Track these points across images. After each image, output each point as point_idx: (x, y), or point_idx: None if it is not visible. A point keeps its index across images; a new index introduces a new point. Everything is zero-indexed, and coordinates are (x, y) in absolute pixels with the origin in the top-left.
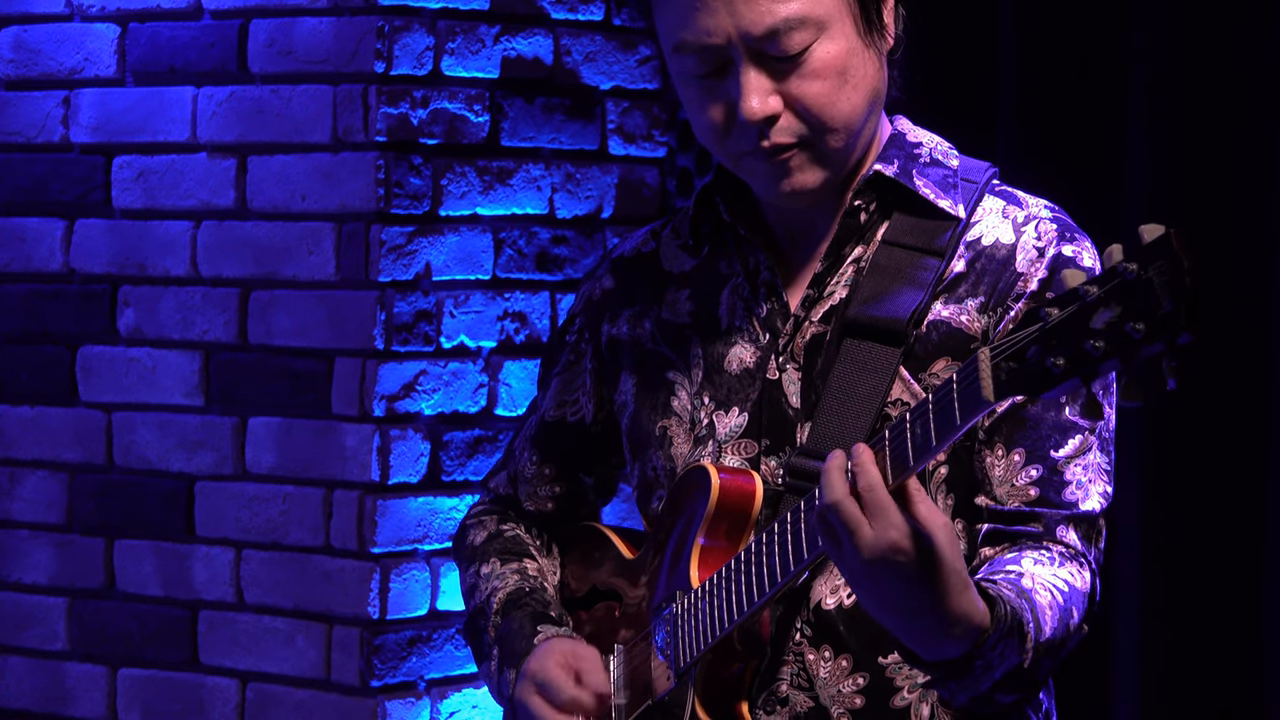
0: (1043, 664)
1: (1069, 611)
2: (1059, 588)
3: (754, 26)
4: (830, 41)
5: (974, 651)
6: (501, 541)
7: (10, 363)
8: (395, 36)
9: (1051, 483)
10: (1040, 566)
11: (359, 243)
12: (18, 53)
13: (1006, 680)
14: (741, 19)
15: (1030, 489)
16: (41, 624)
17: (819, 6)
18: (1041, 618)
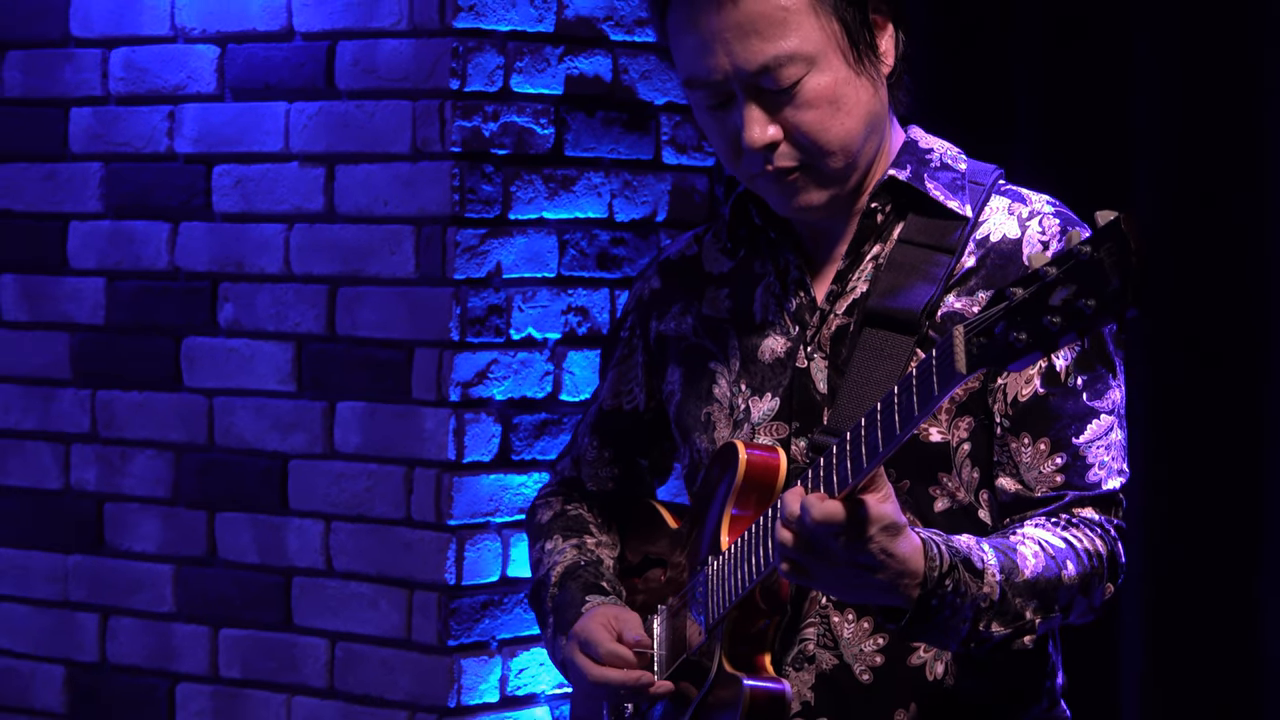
0: (1024, 601)
1: (1060, 562)
2: (1052, 543)
3: (748, 64)
4: (820, 74)
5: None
6: (565, 520)
7: (121, 353)
8: (468, 56)
9: (1075, 468)
10: (1040, 530)
11: (436, 244)
12: (128, 71)
13: (981, 615)
14: (737, 57)
15: (1056, 475)
16: (150, 588)
17: (807, 43)
18: (1020, 561)
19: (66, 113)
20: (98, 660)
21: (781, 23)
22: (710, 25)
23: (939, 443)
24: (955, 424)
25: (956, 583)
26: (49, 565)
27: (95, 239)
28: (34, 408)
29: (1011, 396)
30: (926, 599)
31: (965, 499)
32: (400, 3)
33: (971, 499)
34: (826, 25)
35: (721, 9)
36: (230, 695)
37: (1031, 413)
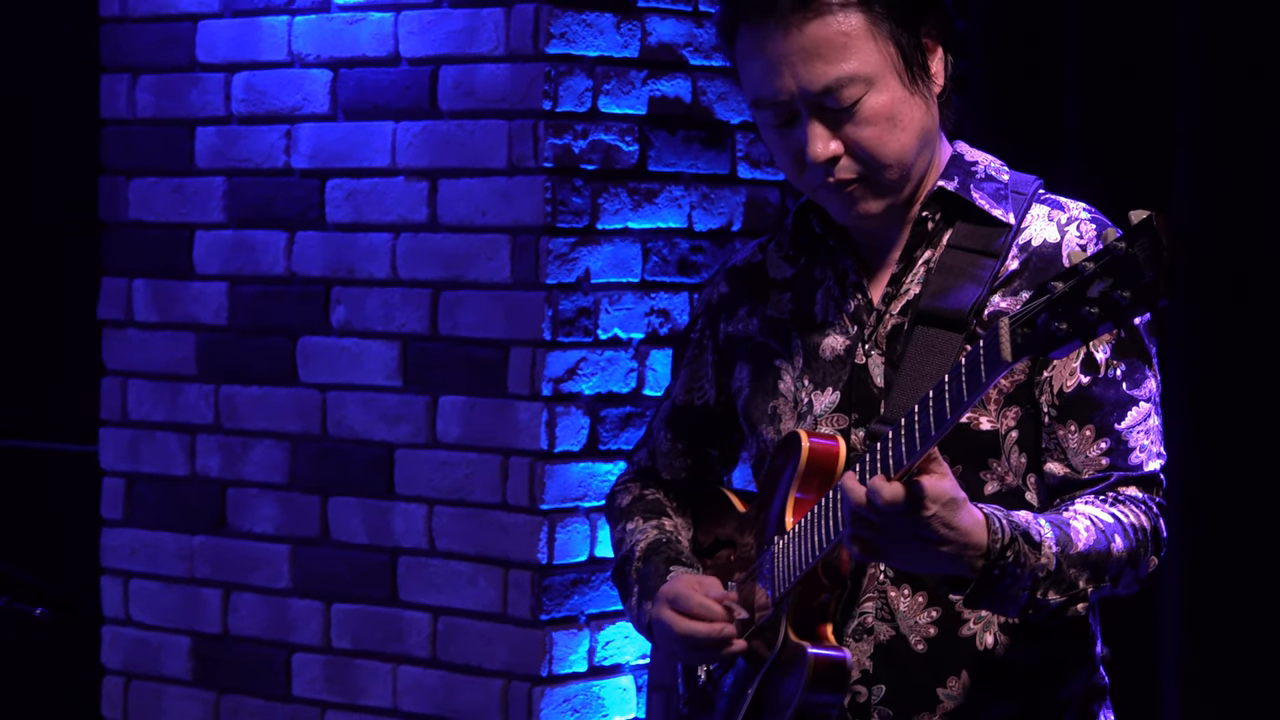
0: (1077, 571)
1: (1110, 536)
2: (1101, 518)
3: (811, 85)
4: (878, 93)
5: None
6: (644, 503)
7: (242, 351)
8: (560, 79)
9: (1119, 451)
10: (1090, 506)
11: (530, 251)
12: (248, 93)
13: (1039, 584)
14: (801, 79)
15: (1102, 459)
16: (268, 566)
17: (866, 65)
18: (1073, 534)
19: (193, 132)
20: (220, 632)
21: (842, 47)
22: (776, 49)
23: (988, 431)
24: (1003, 413)
25: (1017, 554)
26: (176, 545)
27: (219, 247)
28: (163, 401)
29: (1057, 388)
30: (990, 569)
31: (1013, 483)
32: (498, 30)
33: (1019, 482)
34: (883, 49)
35: (787, 34)
36: (341, 665)
37: (1076, 402)
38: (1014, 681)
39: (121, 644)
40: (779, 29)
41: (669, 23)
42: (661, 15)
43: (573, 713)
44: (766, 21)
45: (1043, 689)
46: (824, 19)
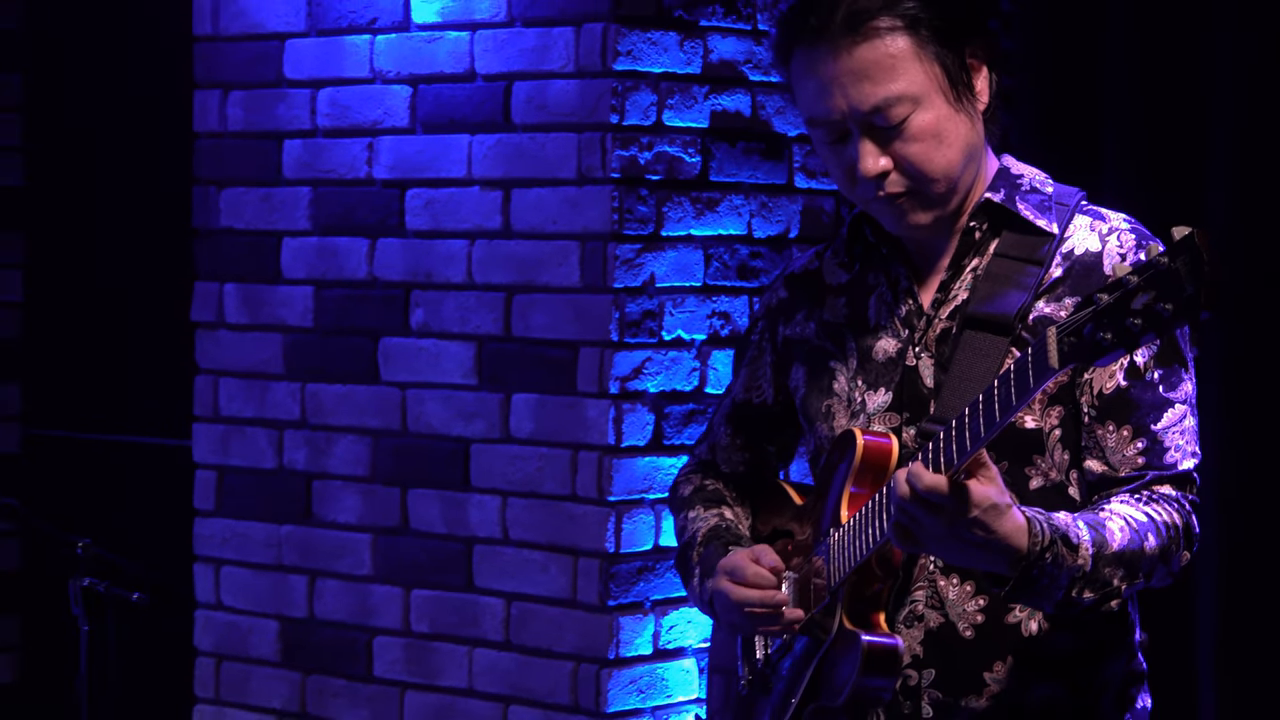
0: (1112, 570)
1: (1143, 535)
2: (1135, 518)
3: (861, 105)
4: (925, 112)
5: (1028, 566)
6: (705, 493)
7: (327, 351)
8: (626, 94)
9: (1154, 451)
10: (1125, 505)
11: (598, 257)
12: (332, 108)
13: (1075, 583)
14: (852, 99)
15: (1138, 458)
16: (352, 554)
17: (913, 85)
18: (1108, 536)
19: (280, 144)
20: (306, 616)
21: (890, 68)
22: (828, 71)
23: (1033, 429)
24: (1047, 413)
25: (1055, 556)
26: (265, 534)
27: (304, 253)
28: (252, 398)
29: (1097, 390)
30: (1028, 569)
31: (1057, 478)
32: (568, 48)
33: (1063, 478)
34: (929, 69)
35: (837, 57)
36: (420, 647)
37: (1115, 404)
38: (1056, 666)
39: (213, 627)
40: (830, 52)
41: (729, 41)
42: (722, 34)
43: (638, 693)
44: (819, 45)
45: (1083, 673)
46: (872, 42)
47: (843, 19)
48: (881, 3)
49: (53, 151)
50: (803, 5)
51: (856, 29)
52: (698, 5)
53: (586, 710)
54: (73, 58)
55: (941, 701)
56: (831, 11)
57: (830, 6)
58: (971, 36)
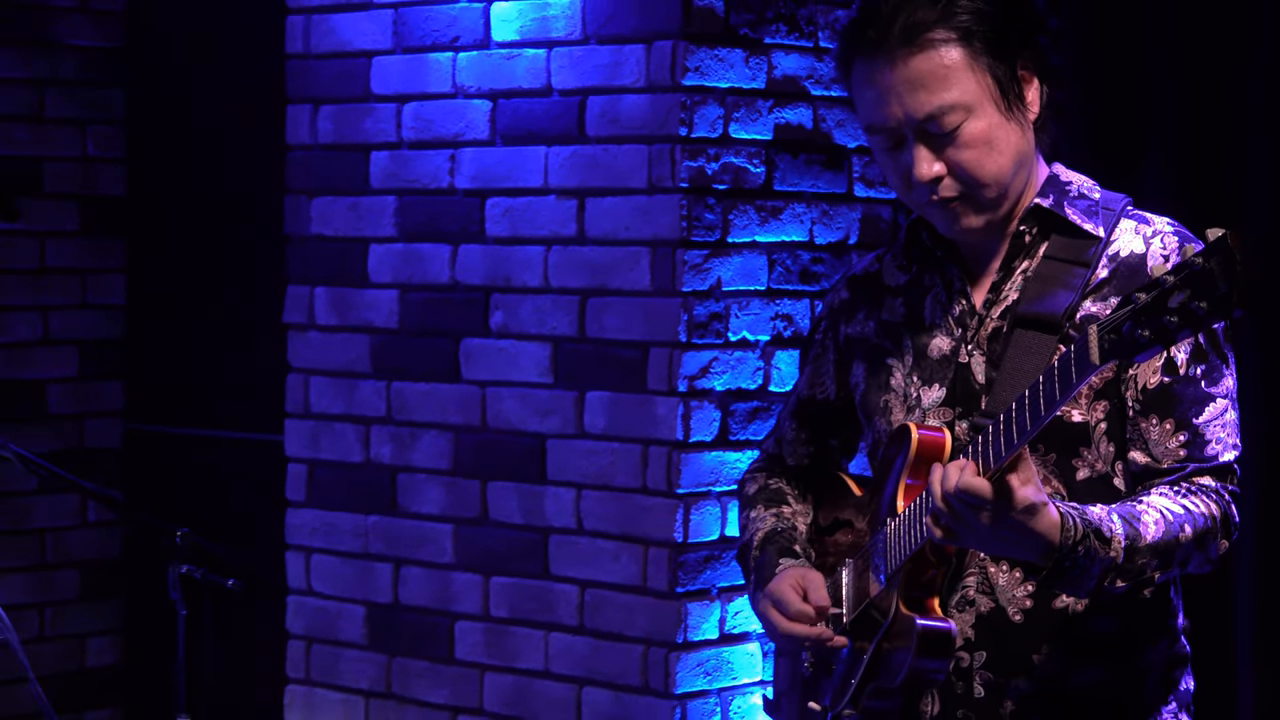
0: (1145, 561)
1: (1178, 526)
2: (1172, 510)
3: (917, 112)
4: (977, 120)
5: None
6: (767, 492)
7: (411, 351)
8: (695, 108)
9: (1195, 443)
10: (1163, 498)
11: (668, 262)
12: (417, 122)
13: (1108, 574)
14: (908, 107)
15: (1180, 450)
16: (434, 543)
17: (966, 95)
18: (1142, 528)
19: (367, 156)
20: (391, 602)
21: (944, 78)
22: (885, 81)
23: (1080, 423)
24: (1093, 407)
25: (1088, 549)
26: (353, 524)
27: (390, 258)
28: (341, 396)
29: (1141, 385)
30: (1061, 562)
31: (1103, 469)
32: (639, 65)
33: (1108, 469)
34: (982, 80)
35: (894, 67)
36: (499, 632)
37: (1158, 398)
38: (1103, 650)
39: (304, 612)
40: (888, 62)
41: (792, 57)
42: (785, 50)
43: (705, 676)
44: (878, 56)
45: (1128, 657)
46: (928, 53)
47: (900, 31)
48: (937, 16)
49: (153, 163)
50: (862, 18)
51: (913, 40)
52: (762, 23)
53: (656, 692)
54: (171, 75)
55: (992, 682)
56: (889, 24)
57: (888, 19)
58: (1023, 49)
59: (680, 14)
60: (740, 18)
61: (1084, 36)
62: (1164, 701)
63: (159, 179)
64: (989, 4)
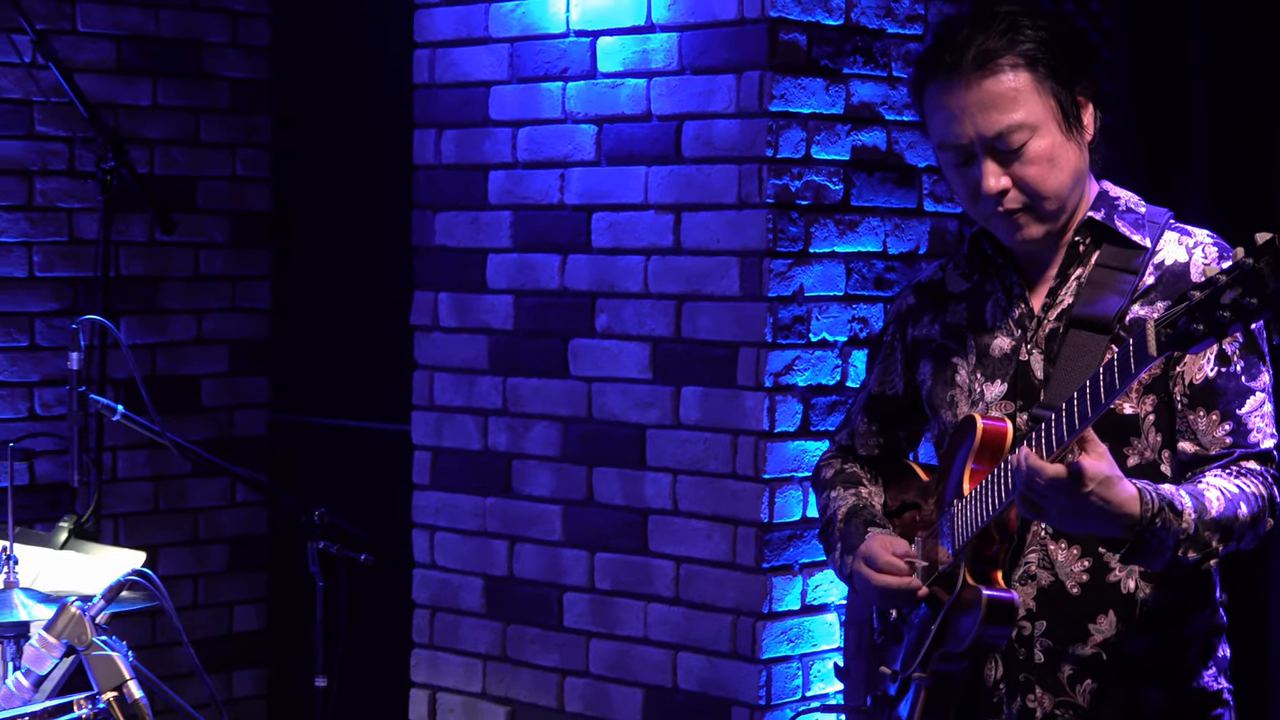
0: (1211, 534)
1: (1236, 504)
2: (1229, 489)
3: (986, 131)
4: (1041, 139)
5: (1141, 530)
6: (844, 475)
7: (524, 351)
8: (780, 132)
9: (1239, 433)
10: (1218, 479)
11: (755, 270)
12: (530, 144)
13: (1180, 545)
14: (979, 126)
15: (1226, 439)
16: (544, 523)
17: (1031, 116)
18: (1207, 503)
19: (486, 175)
20: (507, 575)
21: (1012, 100)
22: (958, 102)
23: (1130, 415)
24: (1142, 400)
25: (1164, 522)
26: (472, 505)
27: (506, 267)
28: (461, 390)
29: (1188, 380)
30: (1141, 533)
31: (1151, 457)
32: (730, 93)
33: (1156, 457)
34: (1045, 103)
35: (967, 90)
36: (603, 602)
37: (1204, 392)
38: (1150, 620)
39: (428, 584)
40: (961, 85)
41: (868, 85)
42: (862, 79)
43: (788, 643)
44: (951, 79)
45: (1173, 627)
46: (997, 77)
47: (973, 57)
48: (1006, 44)
49: (295, 182)
50: (938, 45)
51: (984, 66)
52: (841, 55)
53: (744, 657)
54: (311, 103)
55: (1051, 649)
56: (963, 51)
57: (962, 47)
58: (1081, 76)
59: (767, 47)
60: (821, 50)
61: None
62: (1205, 666)
63: (300, 196)
64: (1052, 35)
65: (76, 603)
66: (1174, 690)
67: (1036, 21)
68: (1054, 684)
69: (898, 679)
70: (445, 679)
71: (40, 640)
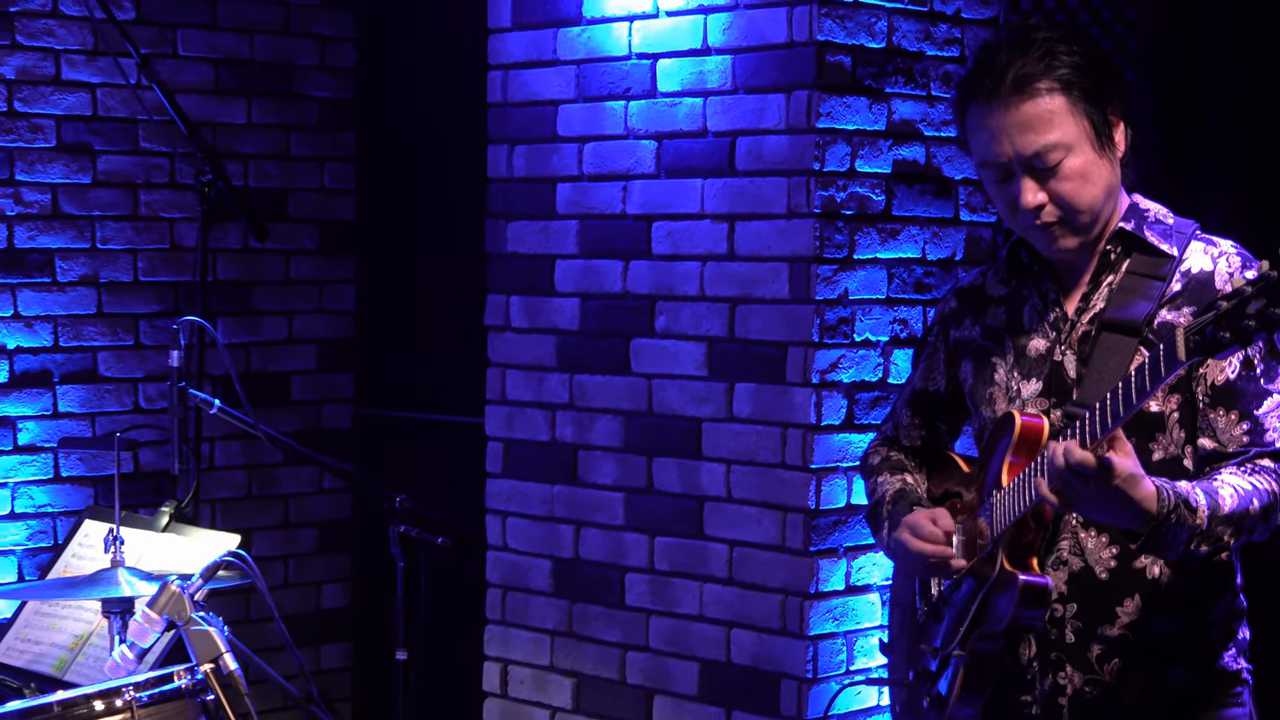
0: (1223, 528)
1: (1249, 500)
2: (1242, 486)
3: (1025, 150)
4: (1075, 157)
5: (1156, 524)
6: (890, 463)
7: (589, 349)
8: (826, 147)
9: (1256, 431)
10: (1233, 476)
11: (803, 275)
12: (595, 158)
13: (1193, 539)
14: (1017, 145)
15: (1243, 437)
16: (608, 509)
17: (1066, 136)
18: (1221, 501)
19: (554, 187)
20: (573, 557)
21: (1049, 121)
22: (998, 123)
23: (1156, 412)
24: (1167, 399)
25: (1179, 518)
26: (540, 492)
27: (572, 272)
28: (531, 386)
29: (1210, 382)
30: (1157, 528)
31: (1174, 452)
32: (780, 111)
33: (1179, 452)
34: (1079, 123)
35: (1006, 112)
36: (662, 583)
37: (1225, 393)
38: (1174, 604)
39: (500, 565)
40: (1000, 107)
41: (909, 104)
42: (903, 98)
43: (833, 620)
44: (992, 102)
45: (1196, 610)
46: (1034, 100)
47: (1011, 81)
48: (1042, 69)
49: (378, 193)
50: (978, 70)
51: (1022, 89)
52: (883, 76)
53: (792, 633)
54: (393, 121)
55: (1081, 630)
56: (1002, 75)
57: (1001, 71)
58: (1112, 98)
59: (815, 68)
60: (864, 71)
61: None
62: (1225, 648)
63: (383, 206)
64: (1085, 60)
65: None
66: (1196, 669)
67: (1071, 47)
68: (1083, 663)
69: (938, 655)
70: (516, 653)
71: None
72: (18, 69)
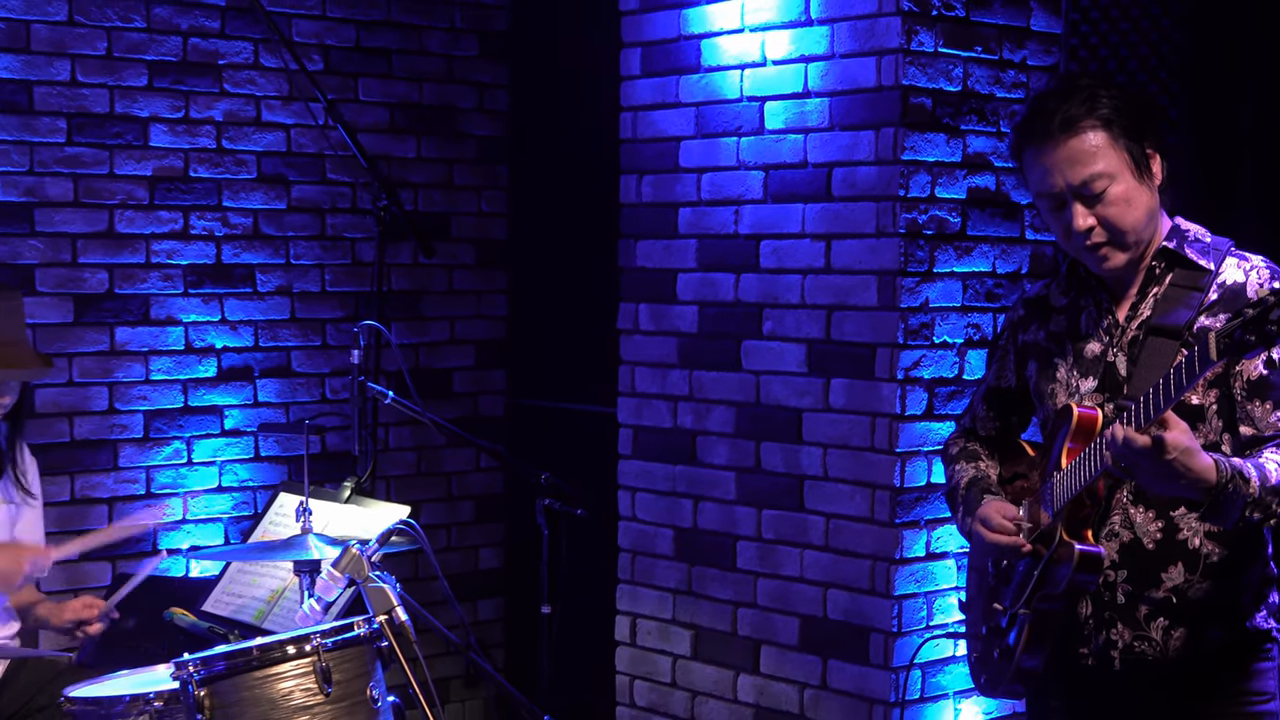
0: (1273, 498)
1: None
2: None
3: (1074, 180)
4: (1118, 185)
5: (1216, 493)
6: (967, 452)
7: (706, 349)
8: (910, 176)
9: None
10: (1275, 454)
11: (890, 287)
12: (711, 186)
13: (1248, 507)
14: (1067, 177)
15: (1277, 423)
16: (721, 485)
17: (1110, 167)
18: (1268, 474)
19: (676, 211)
20: (692, 526)
21: (1094, 155)
22: (1050, 159)
23: (1197, 405)
24: (1207, 393)
25: (1235, 488)
26: (664, 471)
27: (692, 283)
28: (656, 381)
29: (1246, 377)
30: (1216, 496)
31: (1214, 439)
32: (870, 146)
33: (1217, 439)
34: (1120, 155)
35: (1056, 149)
36: (768, 549)
37: (1259, 387)
38: (1212, 570)
39: (630, 533)
40: (1051, 146)
41: (981, 139)
42: (976, 134)
43: (915, 583)
44: (1044, 144)
45: (1231, 576)
46: (1080, 136)
47: (1059, 123)
48: (1085, 110)
49: (527, 217)
50: (1031, 115)
51: (1069, 128)
52: (959, 115)
53: (880, 594)
54: (539, 155)
55: (1130, 593)
56: (1051, 118)
57: (1050, 115)
58: (1149, 133)
59: (900, 109)
60: (943, 111)
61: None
62: (1257, 609)
63: (531, 228)
64: (1123, 101)
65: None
66: (1231, 628)
67: (1110, 91)
68: (1133, 621)
69: (1007, 614)
70: (643, 608)
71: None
72: (225, 112)
